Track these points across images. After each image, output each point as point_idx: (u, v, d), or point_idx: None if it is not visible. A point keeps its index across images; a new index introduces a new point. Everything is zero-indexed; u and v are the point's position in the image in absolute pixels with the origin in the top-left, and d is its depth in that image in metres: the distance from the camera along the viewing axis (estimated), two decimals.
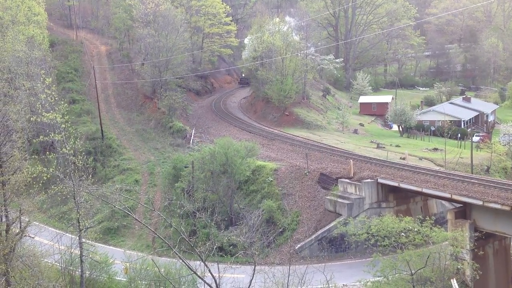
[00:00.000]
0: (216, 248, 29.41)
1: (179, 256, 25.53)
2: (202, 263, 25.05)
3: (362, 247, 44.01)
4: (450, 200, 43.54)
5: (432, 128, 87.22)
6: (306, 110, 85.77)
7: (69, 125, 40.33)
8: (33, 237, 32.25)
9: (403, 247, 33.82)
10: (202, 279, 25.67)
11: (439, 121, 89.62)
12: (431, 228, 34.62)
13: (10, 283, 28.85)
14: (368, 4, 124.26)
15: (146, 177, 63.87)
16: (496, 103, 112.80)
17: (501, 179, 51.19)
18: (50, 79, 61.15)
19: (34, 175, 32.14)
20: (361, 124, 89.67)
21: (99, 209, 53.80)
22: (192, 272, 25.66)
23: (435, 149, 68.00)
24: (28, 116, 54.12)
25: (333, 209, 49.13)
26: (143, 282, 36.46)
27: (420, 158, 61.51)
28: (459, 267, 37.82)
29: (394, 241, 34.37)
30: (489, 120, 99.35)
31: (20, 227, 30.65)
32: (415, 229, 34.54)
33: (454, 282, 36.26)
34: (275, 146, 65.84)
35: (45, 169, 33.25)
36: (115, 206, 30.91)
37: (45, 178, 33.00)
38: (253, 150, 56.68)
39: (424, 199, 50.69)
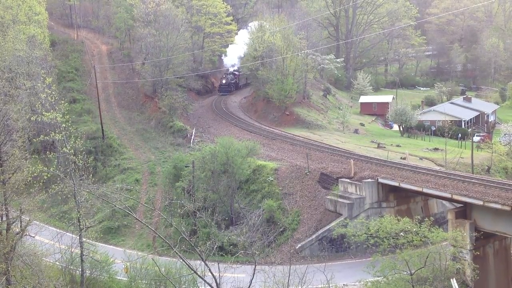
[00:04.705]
0: (216, 247, 29.47)
1: (179, 255, 25.57)
2: (203, 263, 25.09)
3: (362, 247, 44.00)
4: (450, 200, 43.54)
5: (433, 128, 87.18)
6: (306, 109, 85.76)
7: (69, 124, 40.47)
8: (33, 236, 32.29)
9: (402, 247, 33.83)
10: (202, 278, 25.71)
11: (439, 121, 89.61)
12: (429, 229, 34.59)
13: (11, 282, 28.87)
14: (369, 4, 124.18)
15: (146, 177, 63.89)
16: (496, 103, 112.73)
17: (501, 179, 51.17)
18: (50, 78, 61.31)
19: (35, 174, 32.20)
20: (362, 124, 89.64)
21: (99, 208, 53.63)
22: (193, 272, 25.67)
23: (436, 149, 67.96)
24: (28, 115, 54.16)
25: (333, 209, 49.14)
26: (144, 282, 36.49)
27: (421, 158, 61.50)
28: (459, 267, 37.82)
29: (393, 241, 34.36)
30: (490, 120, 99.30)
31: (21, 226, 30.68)
32: (414, 230, 34.53)
33: (454, 282, 36.26)
34: (276, 146, 65.83)
35: (45, 168, 33.32)
36: (115, 206, 30.89)
37: (45, 177, 33.06)
38: (253, 150, 56.72)
39: (424, 199, 50.69)
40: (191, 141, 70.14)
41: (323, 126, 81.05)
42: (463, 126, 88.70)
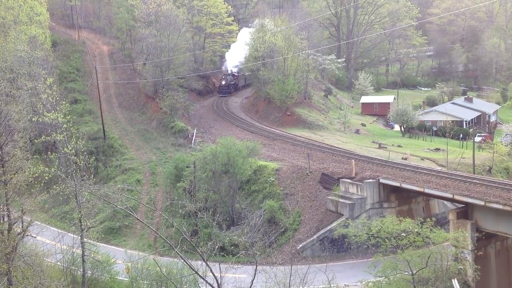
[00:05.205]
0: (217, 248, 29.51)
1: (180, 256, 25.56)
2: (204, 263, 25.08)
3: (364, 247, 43.89)
4: (452, 200, 43.50)
5: (434, 128, 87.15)
6: (307, 110, 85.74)
7: (71, 125, 40.52)
8: (35, 237, 32.27)
9: (403, 247, 33.82)
10: (203, 279, 25.71)
11: (441, 121, 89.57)
12: (430, 229, 34.57)
13: (12, 282, 28.90)
14: (370, 4, 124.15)
15: (148, 177, 63.92)
16: (498, 103, 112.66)
17: (503, 180, 51.12)
18: (52, 79, 61.35)
19: (36, 175, 32.22)
20: (363, 124, 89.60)
21: (101, 209, 53.66)
22: (194, 272, 25.68)
23: (437, 149, 67.91)
24: (30, 116, 54.21)
25: (334, 209, 49.11)
26: (145, 282, 36.52)
27: (422, 158, 61.47)
28: (460, 267, 37.79)
29: (394, 242, 34.35)
30: (491, 120, 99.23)
31: (22, 227, 30.71)
32: (415, 230, 34.52)
33: (455, 282, 36.24)
34: (277, 146, 65.82)
35: (47, 169, 33.35)
36: (117, 206, 30.93)
37: (47, 178, 33.08)
38: (254, 150, 56.69)
39: (426, 199, 50.65)
40: (192, 142, 70.16)
41: (324, 127, 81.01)
42: (464, 127, 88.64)
